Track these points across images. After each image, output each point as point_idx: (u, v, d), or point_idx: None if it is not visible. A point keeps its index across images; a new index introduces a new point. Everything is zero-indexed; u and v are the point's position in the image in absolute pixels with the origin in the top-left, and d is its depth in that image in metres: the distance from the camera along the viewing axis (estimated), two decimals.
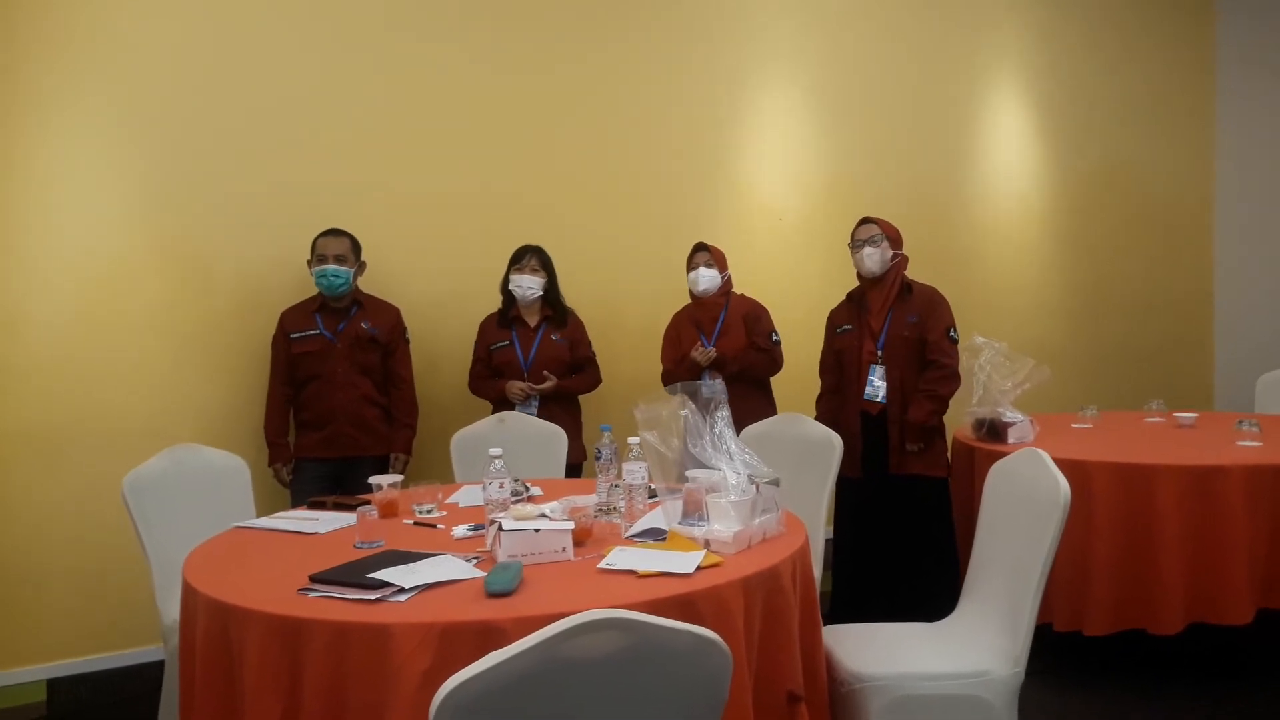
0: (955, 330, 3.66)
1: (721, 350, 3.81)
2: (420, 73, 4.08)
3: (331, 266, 3.53)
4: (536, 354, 3.80)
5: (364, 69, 3.97)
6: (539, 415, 3.73)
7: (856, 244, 3.73)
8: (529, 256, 3.83)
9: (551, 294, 3.87)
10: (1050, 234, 6.00)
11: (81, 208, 3.48)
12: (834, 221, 4.83)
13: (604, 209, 4.49)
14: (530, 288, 3.80)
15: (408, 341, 3.77)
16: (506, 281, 3.84)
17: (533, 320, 3.87)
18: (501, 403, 3.82)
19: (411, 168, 4.07)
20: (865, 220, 3.75)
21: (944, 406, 3.61)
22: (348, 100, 3.94)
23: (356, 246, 3.64)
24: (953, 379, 3.61)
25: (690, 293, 3.97)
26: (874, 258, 3.67)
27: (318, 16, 3.88)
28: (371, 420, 3.63)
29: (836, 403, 3.84)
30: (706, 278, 3.86)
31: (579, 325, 3.95)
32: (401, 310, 3.80)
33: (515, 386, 3.73)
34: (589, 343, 3.97)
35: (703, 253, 3.92)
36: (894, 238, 3.72)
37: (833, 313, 3.94)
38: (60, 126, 3.44)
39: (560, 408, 3.82)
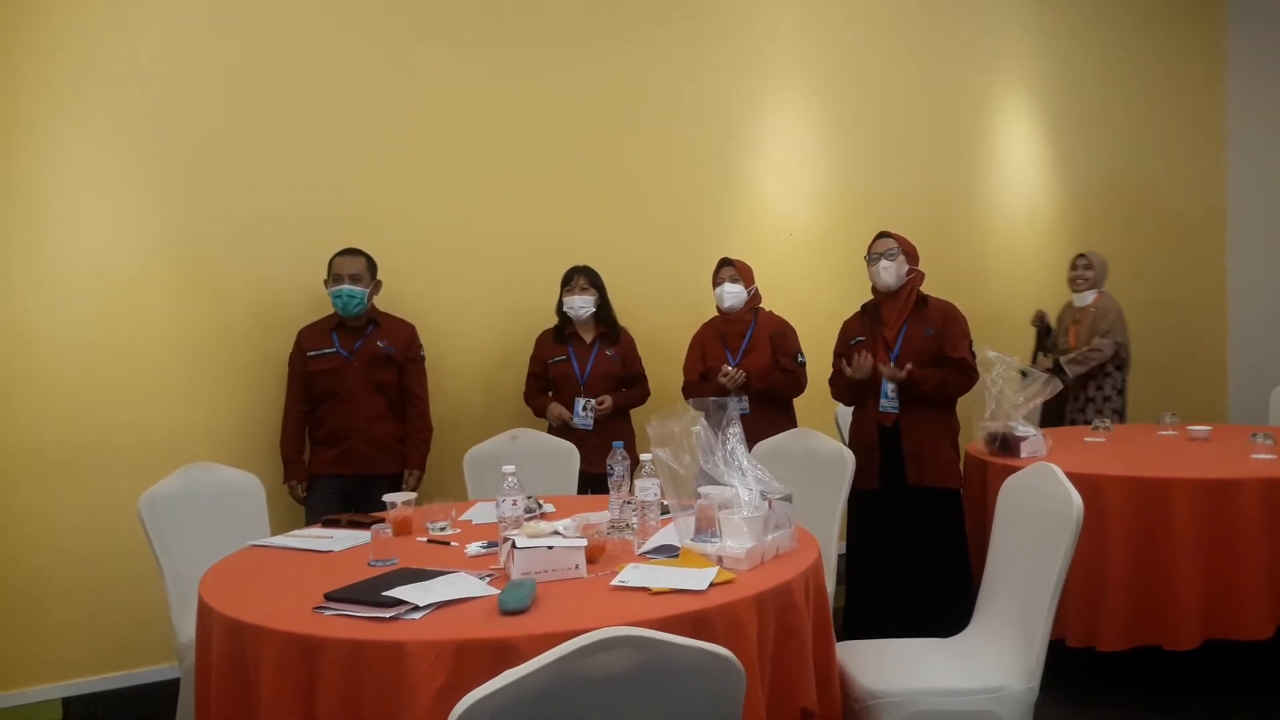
0: (973, 345, 3.67)
1: (746, 368, 3.82)
2: (437, 97, 4.11)
3: (347, 286, 3.56)
4: (593, 368, 3.93)
5: (384, 92, 4.01)
6: (596, 427, 3.85)
7: (873, 257, 3.73)
8: (577, 277, 3.96)
9: (604, 311, 4.00)
10: (1061, 245, 5.99)
11: (98, 225, 3.51)
12: (845, 235, 4.85)
13: (615, 226, 4.51)
14: (583, 307, 3.93)
15: (423, 358, 3.80)
16: (560, 303, 3.97)
17: (588, 336, 4.00)
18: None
19: (427, 188, 4.10)
20: (883, 234, 3.75)
21: (942, 389, 3.56)
22: (365, 120, 3.97)
23: (372, 266, 3.67)
24: (968, 381, 3.61)
25: (717, 307, 3.99)
26: (890, 271, 3.67)
27: (336, 37, 3.92)
28: (385, 438, 3.65)
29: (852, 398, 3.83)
30: (731, 294, 3.89)
31: (630, 342, 4.08)
32: (416, 328, 3.82)
33: (555, 411, 3.86)
34: (639, 358, 4.09)
35: (728, 268, 3.94)
36: (910, 253, 3.72)
37: (846, 324, 3.94)
38: (77, 143, 3.47)
39: (615, 420, 3.95)
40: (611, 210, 4.51)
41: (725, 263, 3.96)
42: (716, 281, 3.95)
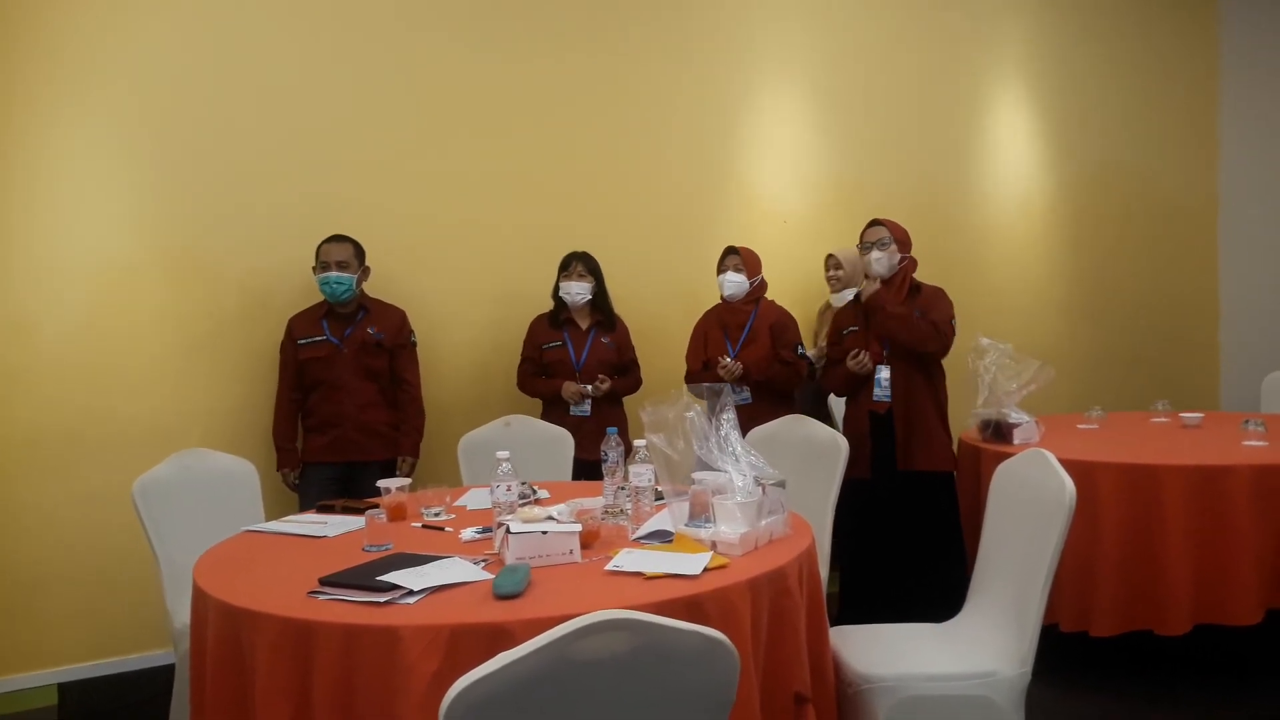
0: (954, 321, 3.66)
1: (744, 359, 3.81)
2: (427, 84, 4.09)
3: (334, 273, 3.55)
4: (588, 355, 3.92)
5: (377, 82, 3.99)
6: (592, 414, 3.83)
7: (865, 247, 3.72)
8: (576, 263, 3.94)
9: (600, 298, 3.99)
10: (1054, 234, 5.99)
11: (90, 214, 3.50)
12: (839, 223, 4.84)
13: (609, 213, 4.49)
14: (579, 293, 3.92)
15: (414, 344, 3.79)
16: (557, 288, 3.97)
17: (584, 323, 3.99)
18: (552, 400, 3.91)
19: (422, 176, 4.08)
20: (874, 223, 3.74)
21: (908, 328, 3.55)
22: (359, 109, 3.95)
23: (360, 252, 3.66)
24: (939, 339, 3.59)
25: (720, 295, 3.98)
26: (882, 261, 3.66)
27: (330, 28, 3.90)
28: (377, 424, 3.65)
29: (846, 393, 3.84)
30: (733, 283, 3.88)
31: (625, 330, 4.08)
32: (407, 314, 3.81)
33: (572, 388, 3.82)
34: (633, 346, 4.09)
35: (732, 256, 3.92)
36: (902, 240, 3.71)
37: (839, 313, 3.94)
38: (69, 132, 3.46)
39: (610, 406, 3.93)
40: (605, 198, 4.50)
41: (730, 251, 3.94)
42: (720, 269, 3.93)
